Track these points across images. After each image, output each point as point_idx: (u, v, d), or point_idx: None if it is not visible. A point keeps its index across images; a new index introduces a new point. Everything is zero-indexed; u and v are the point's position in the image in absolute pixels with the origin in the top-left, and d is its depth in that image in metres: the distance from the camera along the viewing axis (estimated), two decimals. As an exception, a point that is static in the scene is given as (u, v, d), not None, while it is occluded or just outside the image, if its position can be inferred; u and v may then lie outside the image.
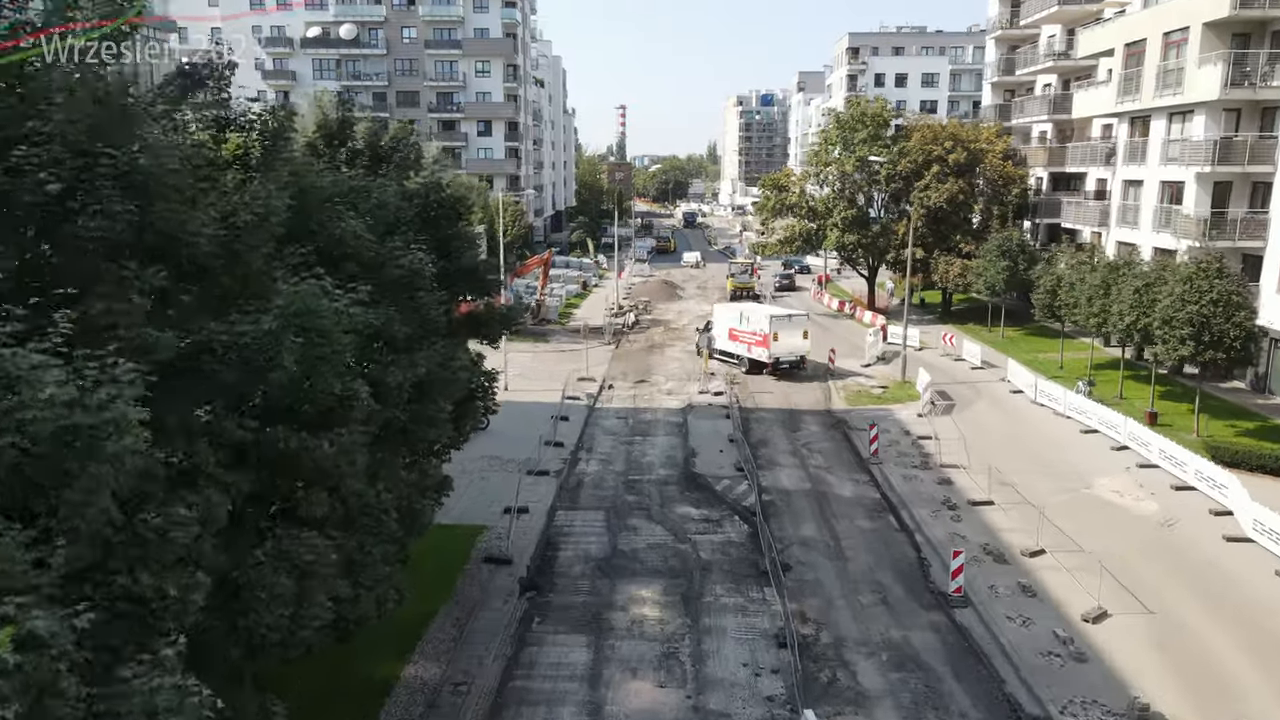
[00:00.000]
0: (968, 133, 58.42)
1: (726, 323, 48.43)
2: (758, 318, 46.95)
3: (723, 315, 49.25)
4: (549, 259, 59.58)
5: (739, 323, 47.73)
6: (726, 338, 48.07)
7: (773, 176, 65.34)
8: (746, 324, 47.28)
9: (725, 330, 48.24)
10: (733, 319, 48.27)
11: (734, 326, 47.90)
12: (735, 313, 48.69)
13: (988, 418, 38.35)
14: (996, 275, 52.24)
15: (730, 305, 51.67)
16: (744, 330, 47.35)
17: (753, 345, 46.55)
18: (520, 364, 48.21)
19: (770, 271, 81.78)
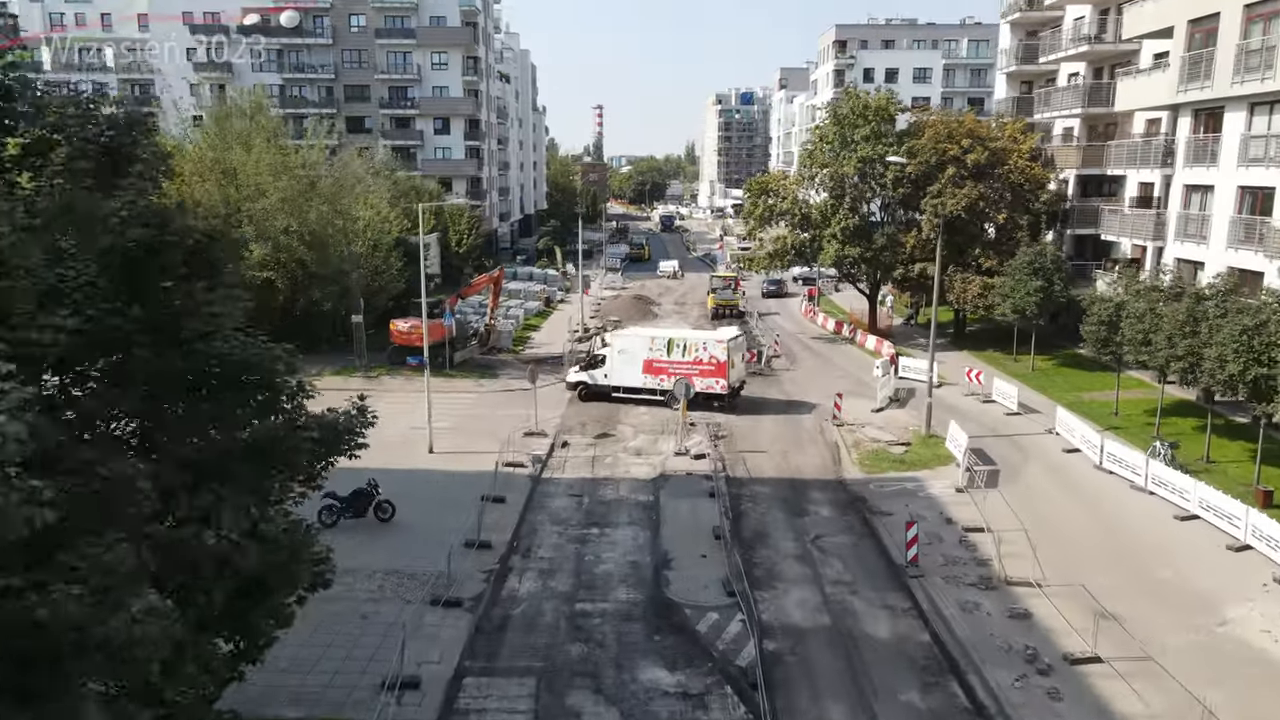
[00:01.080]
0: (988, 129, 49.51)
1: (635, 353, 39.66)
2: (707, 344, 39.08)
3: (628, 344, 40.30)
4: (500, 277, 50.31)
5: (664, 352, 39.16)
6: (640, 371, 39.40)
7: (760, 180, 56.28)
8: (683, 353, 38.98)
9: (634, 363, 39.52)
10: (641, 348, 39.64)
11: (654, 358, 39.22)
12: (644, 341, 40.15)
13: (1047, 493, 29.34)
14: (1027, 297, 43.37)
15: (633, 332, 43.43)
16: (676, 361, 38.95)
17: (700, 375, 38.45)
18: (456, 412, 38.83)
19: (754, 281, 72.56)
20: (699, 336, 40.49)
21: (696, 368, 38.74)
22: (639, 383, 39.43)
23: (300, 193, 44.05)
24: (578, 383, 40.91)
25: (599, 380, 40.25)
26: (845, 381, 44.85)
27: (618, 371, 39.82)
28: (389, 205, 63.48)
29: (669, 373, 38.87)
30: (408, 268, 54.04)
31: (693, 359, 38.80)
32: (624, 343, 40.49)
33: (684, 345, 39.17)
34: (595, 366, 40.44)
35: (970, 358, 49.66)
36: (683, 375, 38.35)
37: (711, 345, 38.94)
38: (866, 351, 51.52)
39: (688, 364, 38.78)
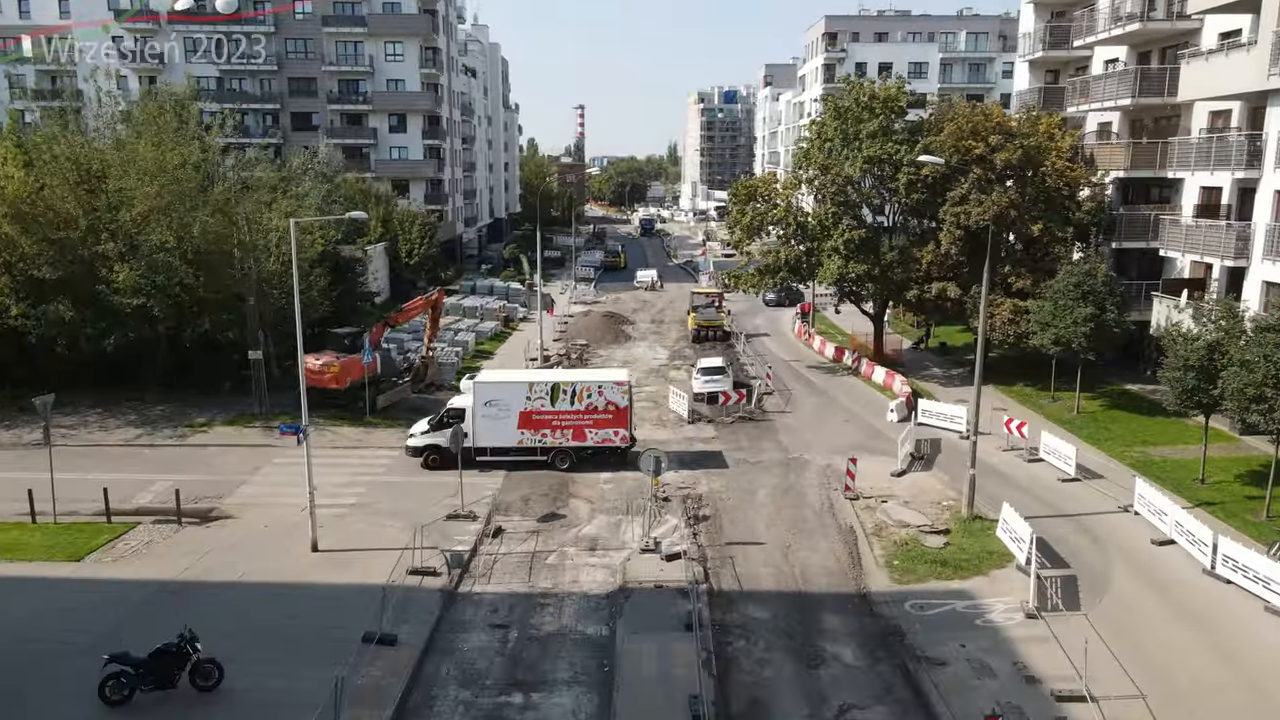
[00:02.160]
0: (1020, 124, 41.18)
1: (508, 404, 30.68)
2: (603, 387, 30.95)
3: (497, 393, 30.92)
4: (439, 300, 41.62)
5: (548, 400, 30.64)
6: (515, 426, 30.60)
7: (747, 183, 47.78)
8: (572, 400, 30.69)
9: (507, 416, 30.63)
10: (516, 396, 30.62)
11: (534, 408, 30.62)
12: (518, 388, 30.95)
13: (1153, 620, 20.95)
14: (1074, 327, 35.12)
15: (503, 376, 34.06)
16: (565, 411, 30.74)
17: (595, 426, 30.92)
18: (366, 479, 30.20)
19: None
20: (593, 378, 31.99)
21: (590, 417, 30.68)
22: (514, 440, 30.55)
23: (181, 200, 35.15)
24: (425, 448, 31.04)
25: (453, 441, 30.38)
26: (854, 430, 36.46)
27: (485, 428, 30.56)
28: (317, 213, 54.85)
29: (554, 426, 30.62)
30: (336, 287, 45.42)
31: (585, 406, 30.61)
32: (491, 391, 31.06)
33: (574, 390, 30.71)
34: (450, 424, 30.13)
35: (997, 394, 41.34)
36: (573, 427, 30.54)
37: (609, 389, 30.81)
38: (874, 386, 43.12)
39: (579, 413, 30.66)
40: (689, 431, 36.30)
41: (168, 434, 34.72)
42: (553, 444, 30.88)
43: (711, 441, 34.93)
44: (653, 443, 34.60)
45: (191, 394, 38.53)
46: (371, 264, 60.90)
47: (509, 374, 33.92)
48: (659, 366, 48.27)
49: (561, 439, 30.78)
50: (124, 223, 34.75)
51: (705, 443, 34.86)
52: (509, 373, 35.17)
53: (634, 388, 43.28)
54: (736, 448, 34.14)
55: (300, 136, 75.51)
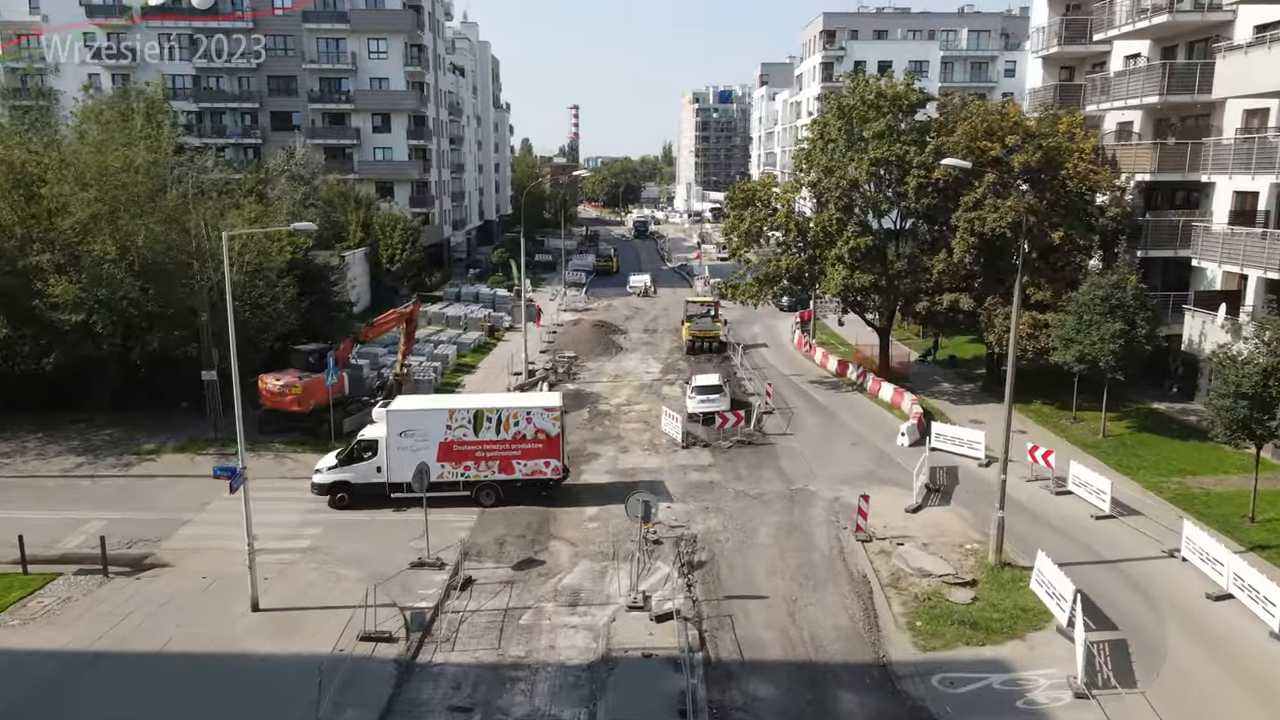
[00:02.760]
0: (1039, 123, 38.10)
1: (426, 433, 27.34)
2: (531, 414, 27.65)
3: (414, 422, 27.50)
4: (414, 312, 38.41)
5: (471, 429, 27.43)
6: (434, 459, 27.07)
7: (744, 187, 44.56)
8: (497, 428, 27.50)
9: (425, 447, 27.16)
10: (435, 425, 27.33)
11: (455, 439, 27.38)
12: (438, 416, 27.59)
13: (1220, 698, 17.86)
14: (1101, 344, 32.10)
15: (422, 403, 29.72)
16: (489, 441, 27.52)
17: (523, 457, 27.79)
18: (323, 518, 27.03)
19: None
20: (519, 404, 28.87)
21: (518, 447, 27.58)
22: (434, 475, 26.57)
23: (127, 206, 31.91)
24: (332, 485, 27.61)
25: (369, 477, 27.47)
26: (862, 455, 33.37)
27: (401, 461, 26.94)
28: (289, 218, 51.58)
29: (478, 457, 27.46)
30: (306, 296, 42.22)
31: (512, 435, 27.52)
32: (407, 420, 27.58)
33: (499, 417, 27.53)
34: (362, 457, 27.63)
35: (1014, 413, 38.24)
36: (500, 458, 27.46)
37: (538, 416, 27.73)
38: (881, 404, 40.05)
39: (506, 443, 27.56)
40: (683, 458, 33.20)
41: (111, 463, 31.51)
42: (477, 477, 27.59)
43: (707, 470, 31.83)
44: (644, 471, 31.69)
45: (144, 415, 35.35)
46: (350, 270, 57.74)
47: (427, 400, 29.82)
48: (651, 381, 45.14)
49: (487, 472, 27.43)
50: (64, 231, 31.49)
51: (701, 471, 31.76)
52: (427, 399, 30.86)
53: (625, 405, 40.61)
54: (735, 477, 31.03)
55: (280, 136, 72.16)
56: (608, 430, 36.69)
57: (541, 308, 62.41)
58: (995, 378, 42.41)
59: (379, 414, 28.50)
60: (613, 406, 40.44)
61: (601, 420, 38.17)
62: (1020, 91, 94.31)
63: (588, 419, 38.39)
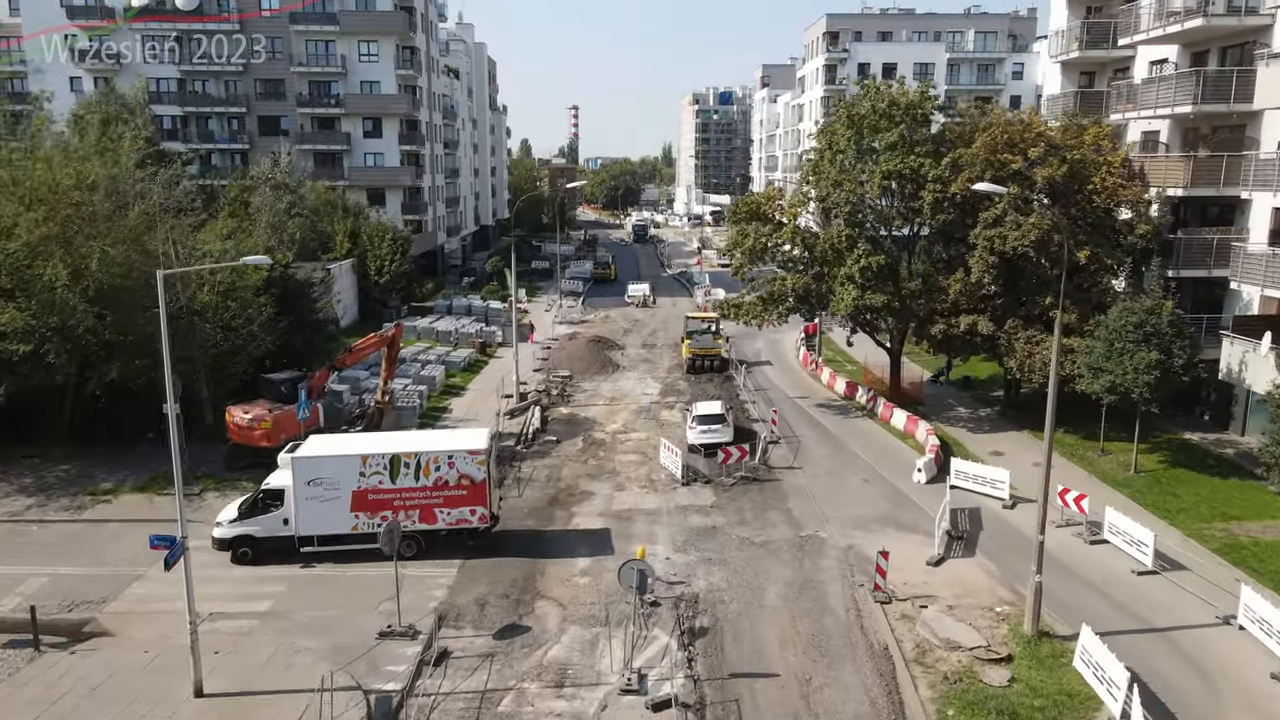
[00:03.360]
0: (1063, 133, 35.47)
1: (337, 480, 24.61)
2: (454, 457, 24.86)
3: (324, 468, 24.73)
4: (397, 335, 35.87)
5: (387, 475, 24.73)
6: (348, 508, 24.60)
7: (749, 200, 41.87)
8: (417, 474, 24.82)
9: (336, 496, 24.58)
10: (348, 471, 24.61)
11: (370, 486, 24.68)
12: (350, 462, 24.72)
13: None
14: (1136, 375, 29.56)
15: (332, 446, 26.18)
16: (408, 489, 24.83)
17: (446, 505, 25.06)
18: (285, 573, 24.48)
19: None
20: (440, 447, 25.44)
21: (440, 494, 24.91)
22: (347, 525, 24.65)
23: (80, 227, 29.35)
24: (234, 539, 24.82)
25: (275, 530, 24.80)
26: (876, 493, 30.81)
27: (310, 512, 24.61)
28: (269, 231, 49.13)
29: (396, 506, 24.73)
30: (285, 316, 39.67)
31: (434, 481, 24.84)
32: (315, 467, 24.74)
33: (418, 462, 24.78)
34: (268, 508, 24.96)
35: (1035, 442, 35.74)
36: (420, 506, 24.78)
37: (462, 460, 24.89)
38: (893, 432, 37.50)
39: (426, 490, 24.86)
40: (683, 496, 30.64)
41: (64, 504, 28.96)
42: (420, 525, 24.98)
43: (709, 512, 29.27)
44: (641, 513, 29.12)
45: (105, 449, 32.81)
46: (337, 283, 55.21)
47: (339, 443, 26.61)
48: (650, 404, 42.58)
49: (406, 522, 24.52)
50: (11, 254, 28.90)
51: (702, 513, 29.20)
52: (340, 440, 27.45)
53: (621, 433, 38.05)
54: (739, 521, 28.47)
55: (268, 142, 69.73)
56: (602, 463, 34.12)
57: (535, 323, 59.96)
58: (1013, 402, 39.92)
59: (284, 460, 25.58)
60: (608, 434, 37.89)
61: (596, 451, 35.60)
62: (1028, 95, 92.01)
63: (581, 449, 35.83)
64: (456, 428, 38.28)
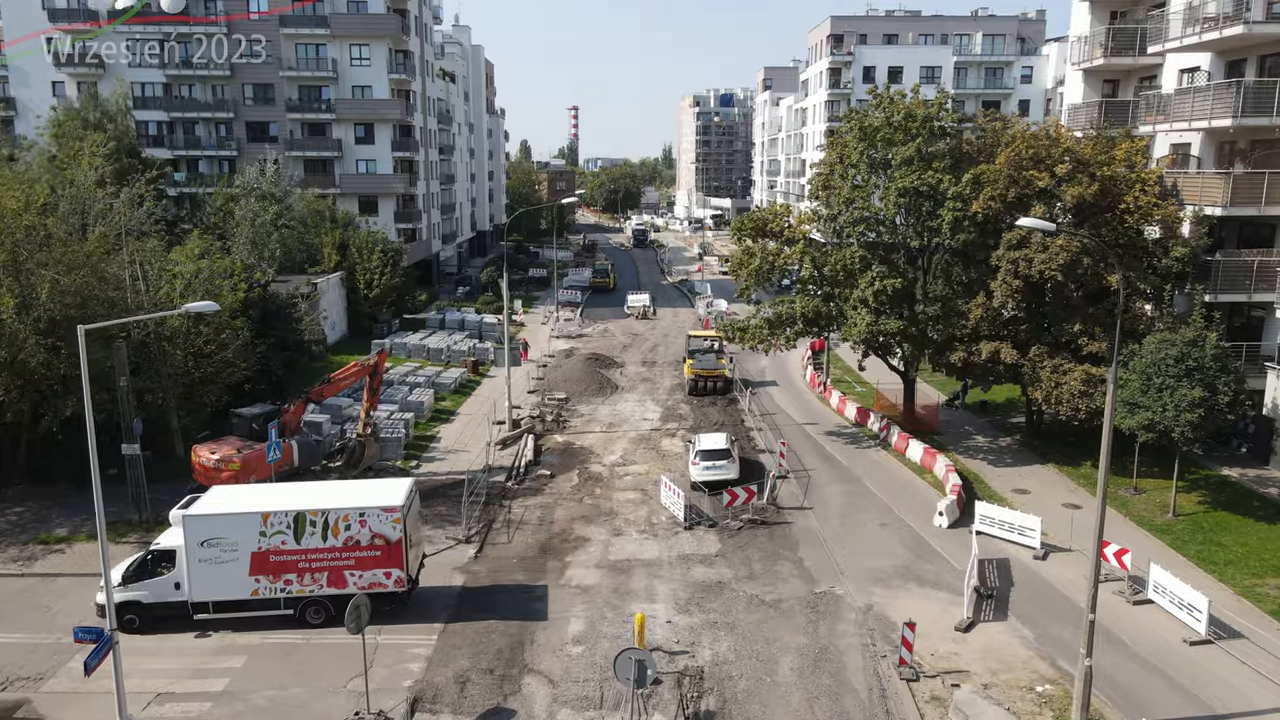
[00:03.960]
0: (1090, 148, 32.96)
1: (235, 541, 21.94)
2: (366, 515, 22.34)
3: (218, 528, 22.02)
4: (381, 362, 33.42)
5: (291, 534, 22.12)
6: (246, 572, 22.05)
7: (755, 216, 39.31)
8: (325, 533, 22.20)
9: (234, 558, 21.97)
10: (247, 531, 21.98)
11: (272, 547, 22.09)
12: (250, 519, 22.03)
13: None
14: (1178, 414, 27.11)
15: (229, 501, 23.14)
16: (314, 550, 22.26)
17: (357, 567, 22.55)
18: (249, 641, 22.00)
19: None
20: (352, 503, 22.58)
21: (351, 555, 22.36)
22: (246, 590, 22.20)
23: (30, 253, 26.89)
24: (118, 606, 20.90)
25: (166, 595, 22.15)
26: (894, 539, 28.34)
27: (205, 575, 22.04)
28: (249, 247, 46.69)
29: (301, 569, 22.23)
30: (264, 339, 37.29)
31: (344, 542, 22.28)
32: (210, 526, 21.99)
33: (325, 520, 22.20)
34: (157, 571, 22.26)
35: (1061, 477, 33.44)
36: (329, 569, 22.24)
37: (375, 518, 22.30)
38: (909, 465, 35.05)
39: (336, 551, 22.29)
40: (685, 544, 28.19)
41: (13, 555, 26.52)
42: (301, 593, 22.39)
43: (715, 562, 26.82)
44: (640, 564, 26.65)
45: (63, 489, 30.34)
46: (324, 298, 52.82)
47: (238, 499, 23.45)
48: (649, 431, 40.14)
49: (313, 585, 22.30)
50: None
51: (706, 564, 26.75)
52: (240, 495, 23.89)
53: (619, 465, 35.60)
54: (747, 574, 26.02)
55: (256, 148, 67.21)
56: (599, 502, 31.66)
57: (530, 337, 57.61)
58: (1035, 431, 37.46)
59: (175, 517, 23.02)
60: (605, 466, 35.46)
61: (593, 487, 33.16)
62: (1037, 99, 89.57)
63: (577, 485, 33.39)
64: (445, 458, 35.97)
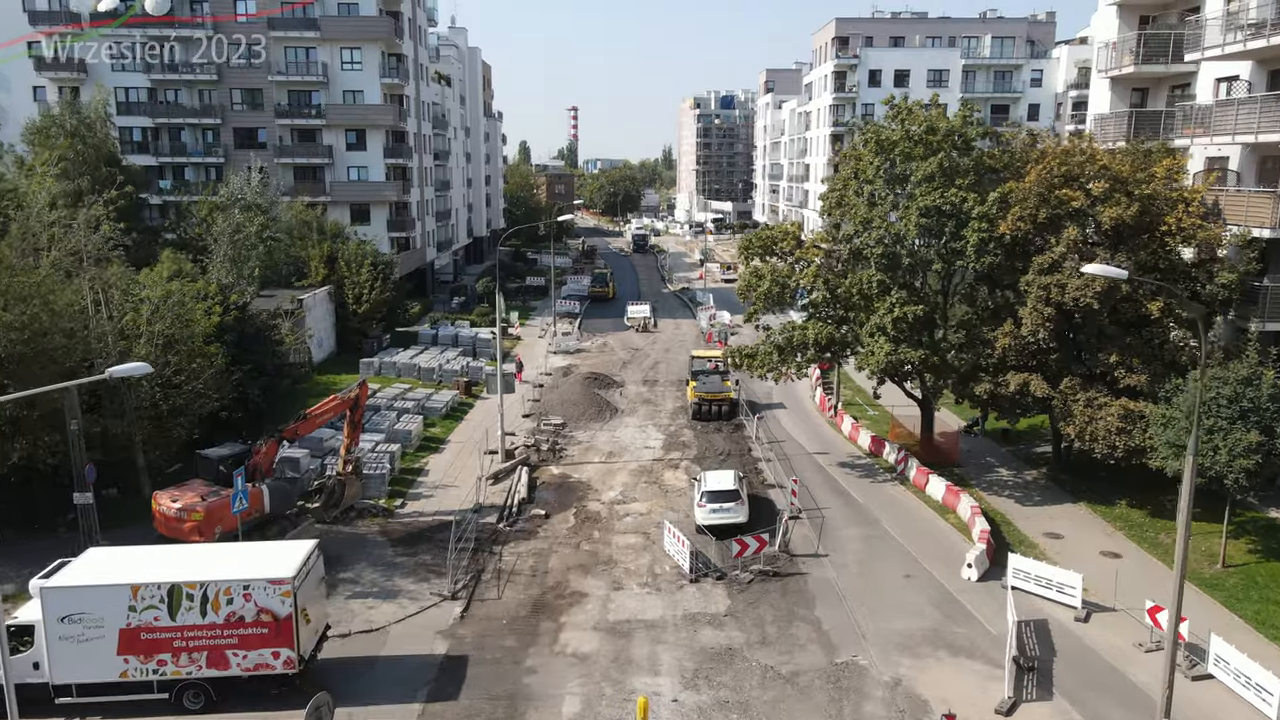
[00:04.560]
0: (1126, 164, 30.33)
1: (100, 617, 19.36)
2: (251, 587, 19.64)
3: (81, 601, 19.38)
4: (363, 396, 30.90)
5: (165, 609, 19.46)
6: (114, 651, 19.38)
7: (762, 235, 36.45)
8: (203, 608, 19.58)
9: (99, 636, 19.38)
10: (114, 605, 19.32)
11: (143, 624, 19.45)
12: (118, 592, 19.33)
13: None
14: (1231, 458, 24.58)
15: (95, 574, 20.18)
16: (191, 626, 19.58)
17: (240, 647, 19.81)
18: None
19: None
20: (235, 575, 19.77)
21: (234, 633, 19.63)
22: (114, 672, 19.48)
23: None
24: None
25: (24, 676, 19.06)
26: (919, 594, 25.78)
27: (67, 655, 19.40)
28: (226, 266, 44.14)
29: (177, 649, 19.53)
30: (241, 365, 34.80)
31: (225, 618, 19.57)
32: (72, 599, 19.39)
33: (204, 594, 19.52)
34: (13, 649, 19.20)
35: (1093, 516, 30.94)
36: (208, 648, 19.53)
37: (261, 591, 19.60)
38: (931, 504, 32.53)
39: (216, 628, 19.60)
40: (691, 599, 25.65)
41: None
42: (177, 674, 19.73)
43: (724, 624, 24.28)
44: (641, 625, 24.13)
45: (14, 537, 27.80)
46: (311, 313, 50.25)
47: (106, 568, 20.49)
48: (651, 461, 37.63)
49: (190, 667, 19.75)
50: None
51: (715, 625, 24.21)
52: (109, 564, 20.73)
53: (619, 502, 33.09)
54: (760, 639, 23.48)
55: (244, 155, 64.69)
56: (597, 548, 29.13)
57: (526, 353, 55.17)
58: (1063, 465, 34.94)
59: (34, 588, 20.45)
60: (604, 504, 32.93)
61: (591, 530, 30.62)
62: (1047, 103, 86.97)
63: (573, 527, 30.87)
64: (433, 494, 33.44)
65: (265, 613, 19.57)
